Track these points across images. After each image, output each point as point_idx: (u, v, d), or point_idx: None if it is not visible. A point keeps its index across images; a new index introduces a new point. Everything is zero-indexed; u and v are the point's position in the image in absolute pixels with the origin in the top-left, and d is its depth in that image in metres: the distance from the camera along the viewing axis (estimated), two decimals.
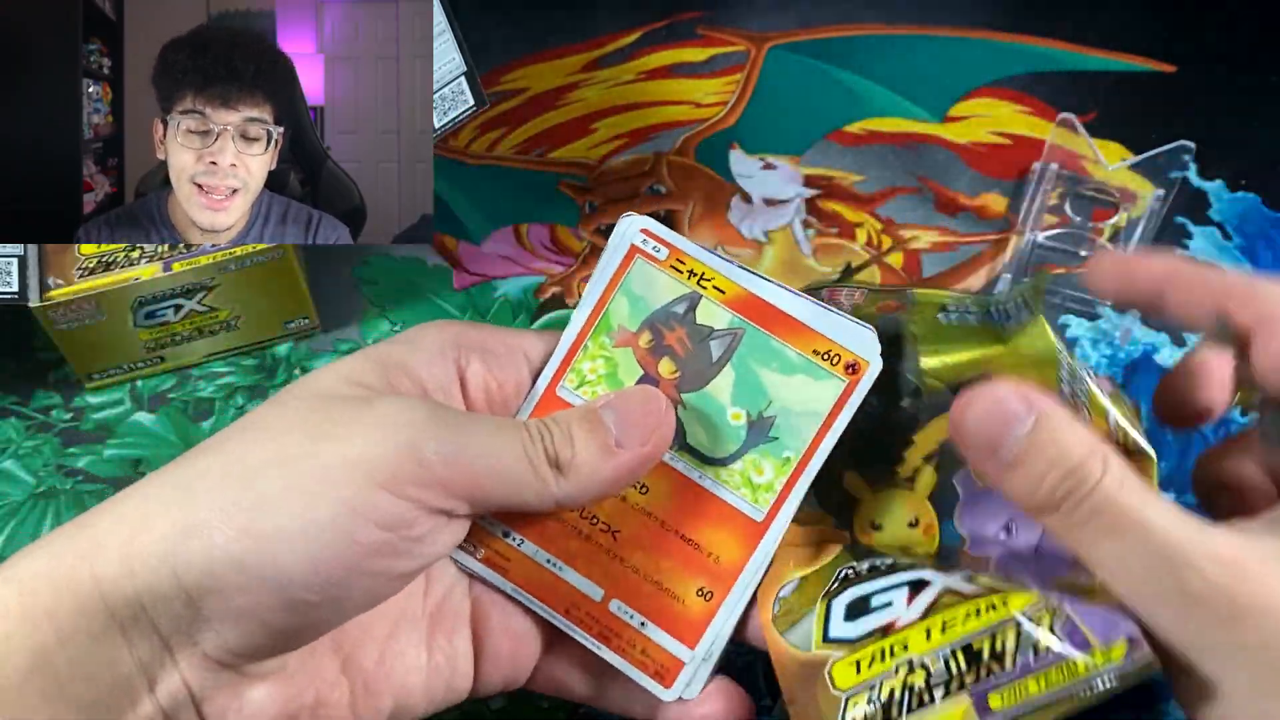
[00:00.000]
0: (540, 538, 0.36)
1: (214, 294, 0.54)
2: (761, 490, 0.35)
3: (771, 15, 0.71)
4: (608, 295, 0.37)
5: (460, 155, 0.66)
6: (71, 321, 0.52)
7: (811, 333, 0.36)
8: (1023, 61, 0.69)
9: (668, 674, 0.35)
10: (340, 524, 0.31)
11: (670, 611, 0.36)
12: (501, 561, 0.37)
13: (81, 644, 0.29)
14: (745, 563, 0.35)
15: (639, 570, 0.36)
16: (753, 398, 0.36)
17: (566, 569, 0.36)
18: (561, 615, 0.36)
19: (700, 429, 0.36)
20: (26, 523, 0.53)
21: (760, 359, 0.36)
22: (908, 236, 0.62)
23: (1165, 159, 0.61)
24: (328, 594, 0.31)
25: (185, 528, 0.30)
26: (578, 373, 0.37)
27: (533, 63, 0.69)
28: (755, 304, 0.36)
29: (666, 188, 0.64)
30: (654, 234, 0.37)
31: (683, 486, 0.36)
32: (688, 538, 0.36)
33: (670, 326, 0.37)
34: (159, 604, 0.30)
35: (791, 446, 0.35)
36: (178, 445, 0.55)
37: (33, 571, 0.30)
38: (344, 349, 0.58)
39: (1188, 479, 0.54)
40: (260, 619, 0.31)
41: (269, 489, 0.31)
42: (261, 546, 0.30)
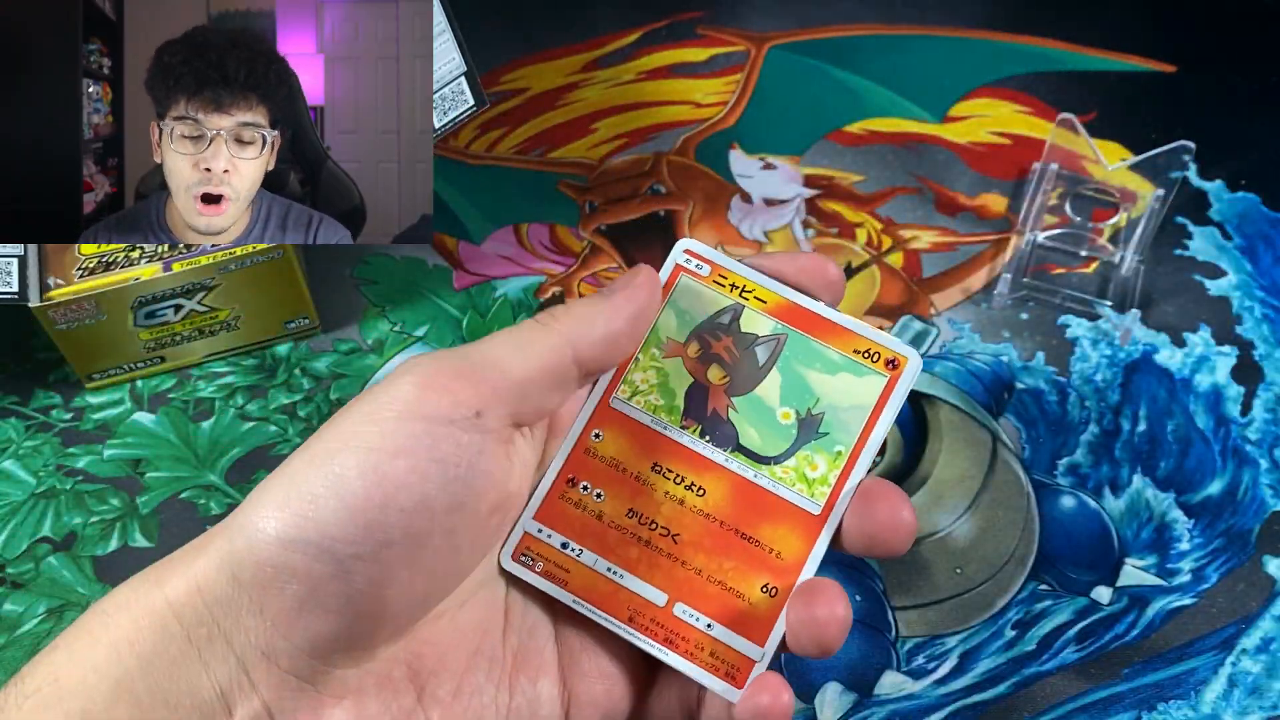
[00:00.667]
0: (600, 546, 0.37)
1: (214, 294, 0.54)
2: (816, 484, 0.36)
3: (771, 15, 0.71)
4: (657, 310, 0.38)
5: (460, 155, 0.66)
6: (71, 321, 0.52)
7: (851, 334, 0.37)
8: (1023, 61, 0.69)
9: (739, 674, 0.36)
10: (362, 465, 0.31)
11: (736, 610, 0.36)
12: (561, 573, 0.37)
13: (162, 670, 0.30)
14: (807, 556, 0.36)
15: (702, 572, 0.36)
16: (800, 397, 0.37)
17: (628, 576, 0.36)
18: (624, 623, 0.36)
19: (752, 430, 0.37)
20: (26, 523, 0.53)
21: (804, 360, 0.37)
22: (908, 236, 0.62)
23: (1165, 159, 0.61)
24: (370, 540, 0.31)
25: (235, 530, 0.32)
26: (630, 384, 0.38)
27: (533, 63, 0.69)
28: (795, 311, 0.38)
29: (666, 188, 0.64)
30: (696, 253, 0.39)
31: (739, 487, 0.37)
32: (748, 536, 0.36)
33: (716, 336, 0.38)
34: (227, 616, 0.31)
35: (842, 440, 0.37)
36: (177, 445, 0.55)
37: (116, 603, 0.32)
38: (344, 349, 0.58)
39: (1188, 479, 0.54)
40: (319, 602, 0.31)
41: (301, 470, 0.32)
42: (300, 516, 0.31)
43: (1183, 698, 0.49)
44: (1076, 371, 0.58)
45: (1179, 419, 0.56)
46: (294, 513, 0.31)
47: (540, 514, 0.37)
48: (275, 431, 0.56)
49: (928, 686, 0.49)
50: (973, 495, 0.54)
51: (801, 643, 0.34)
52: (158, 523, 0.53)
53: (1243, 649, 0.50)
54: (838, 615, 0.34)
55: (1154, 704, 0.49)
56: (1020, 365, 0.58)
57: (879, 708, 0.49)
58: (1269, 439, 0.55)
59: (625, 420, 0.37)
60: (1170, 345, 0.58)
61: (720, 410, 0.37)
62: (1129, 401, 0.57)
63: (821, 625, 0.34)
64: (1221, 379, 0.57)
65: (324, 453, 0.32)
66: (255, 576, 0.31)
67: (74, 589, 0.51)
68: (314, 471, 0.32)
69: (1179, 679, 0.49)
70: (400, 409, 0.32)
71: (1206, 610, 0.51)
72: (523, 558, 0.37)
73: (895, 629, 0.51)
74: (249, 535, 0.31)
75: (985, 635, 0.51)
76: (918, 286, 0.61)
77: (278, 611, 0.31)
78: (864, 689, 0.49)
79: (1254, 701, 0.48)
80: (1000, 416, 0.56)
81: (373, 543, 0.31)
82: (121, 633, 0.30)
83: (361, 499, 0.31)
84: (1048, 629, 0.51)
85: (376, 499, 0.31)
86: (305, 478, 0.32)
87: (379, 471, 0.31)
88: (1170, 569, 0.52)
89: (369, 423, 0.32)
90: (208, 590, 0.31)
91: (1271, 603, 0.51)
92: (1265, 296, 0.60)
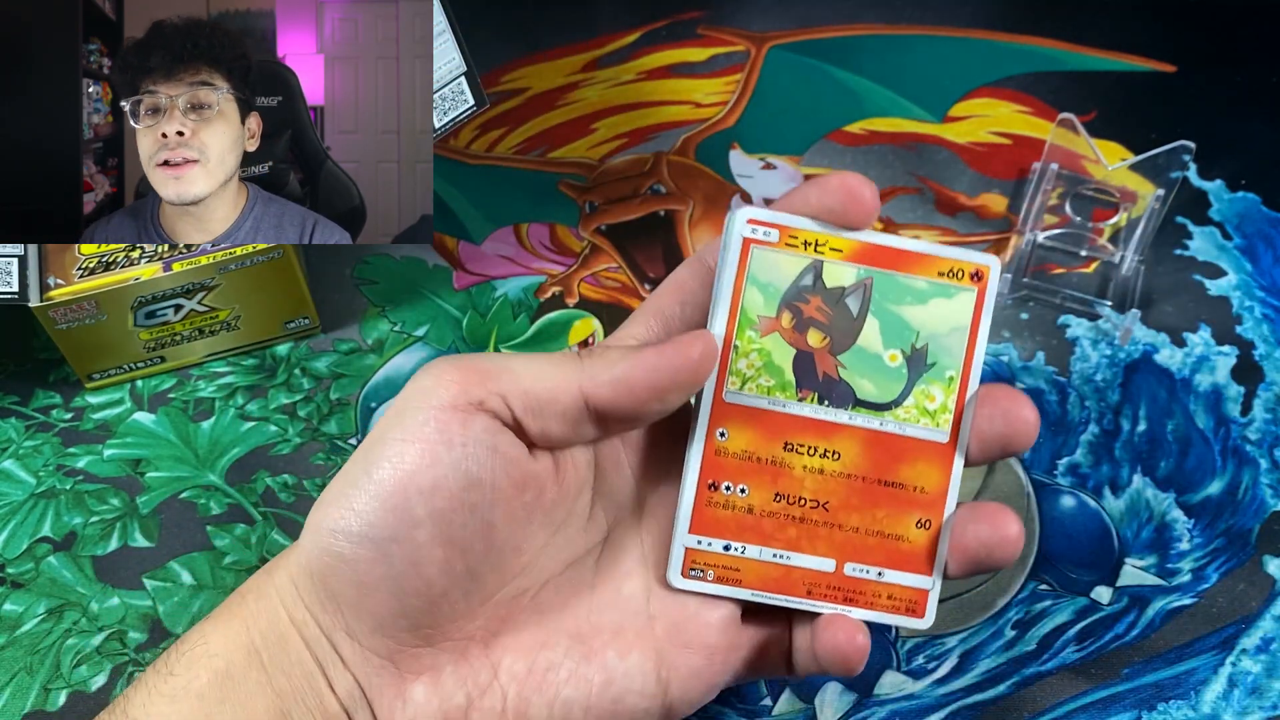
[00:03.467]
0: (759, 537, 0.38)
1: (214, 294, 0.54)
2: (939, 414, 0.38)
3: (771, 15, 0.71)
4: (738, 292, 0.38)
5: (460, 155, 0.66)
6: (71, 321, 0.52)
7: (930, 258, 0.38)
8: (1023, 61, 0.69)
9: (919, 606, 0.38)
10: (386, 456, 0.34)
11: (900, 552, 0.38)
12: (732, 574, 0.38)
13: (276, 645, 0.35)
14: (948, 483, 0.38)
15: (859, 529, 0.38)
16: (901, 335, 0.38)
17: (794, 555, 0.38)
18: (805, 598, 0.38)
19: (865, 381, 0.38)
20: (26, 523, 0.53)
21: (895, 298, 0.38)
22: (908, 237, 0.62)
23: (1165, 159, 0.61)
24: (400, 524, 0.34)
25: (308, 530, 0.36)
26: (737, 374, 0.38)
27: (533, 63, 0.69)
28: (872, 251, 0.38)
29: (666, 188, 0.64)
30: (760, 220, 0.38)
31: (869, 440, 0.38)
32: (890, 482, 0.38)
33: (804, 299, 0.38)
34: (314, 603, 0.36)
35: (950, 365, 0.38)
36: (177, 445, 0.55)
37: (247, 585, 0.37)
38: (344, 349, 0.58)
39: (1188, 479, 0.54)
40: (370, 585, 0.34)
41: (348, 470, 0.35)
42: (345, 509, 0.34)
43: (1183, 698, 0.49)
44: (1076, 371, 0.58)
45: (1179, 419, 0.56)
46: (341, 507, 0.35)
47: (695, 526, 0.37)
48: (275, 431, 0.56)
49: (928, 686, 0.49)
50: (973, 495, 0.54)
51: (969, 567, 0.37)
52: (158, 523, 0.53)
53: (1243, 649, 0.50)
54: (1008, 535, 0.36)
55: (1154, 704, 0.49)
56: (1020, 365, 0.58)
57: (879, 708, 0.49)
58: (1269, 439, 0.55)
59: (744, 410, 0.38)
60: (1170, 345, 0.58)
61: (830, 372, 0.38)
62: (1129, 401, 0.57)
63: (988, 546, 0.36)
64: (1221, 379, 0.57)
65: (362, 452, 0.35)
66: (320, 567, 0.35)
67: (74, 589, 0.51)
68: (355, 468, 0.35)
69: (1179, 679, 0.49)
70: (416, 401, 0.35)
71: (1206, 610, 0.51)
72: (692, 572, 0.38)
73: (895, 629, 0.51)
74: (314, 534, 0.35)
75: (985, 635, 0.51)
76: None
77: (341, 596, 0.35)
78: (864, 689, 0.49)
79: (1254, 701, 0.48)
80: None
81: (402, 525, 0.34)
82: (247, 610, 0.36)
83: (389, 487, 0.34)
84: (1048, 629, 0.51)
85: (399, 485, 0.34)
86: (349, 476, 0.35)
87: (399, 458, 0.34)
88: (1170, 569, 0.52)
89: (395, 415, 0.35)
90: (299, 582, 0.36)
91: (1271, 603, 0.51)
92: (1265, 296, 0.60)
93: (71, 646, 0.50)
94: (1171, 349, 0.58)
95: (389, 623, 0.35)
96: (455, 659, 0.36)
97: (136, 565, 0.52)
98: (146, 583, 0.51)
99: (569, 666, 0.37)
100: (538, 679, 0.37)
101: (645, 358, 0.35)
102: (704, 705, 0.38)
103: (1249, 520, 0.53)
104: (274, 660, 0.35)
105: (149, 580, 0.51)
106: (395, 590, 0.35)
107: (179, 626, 0.50)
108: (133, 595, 0.51)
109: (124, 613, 0.51)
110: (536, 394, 0.35)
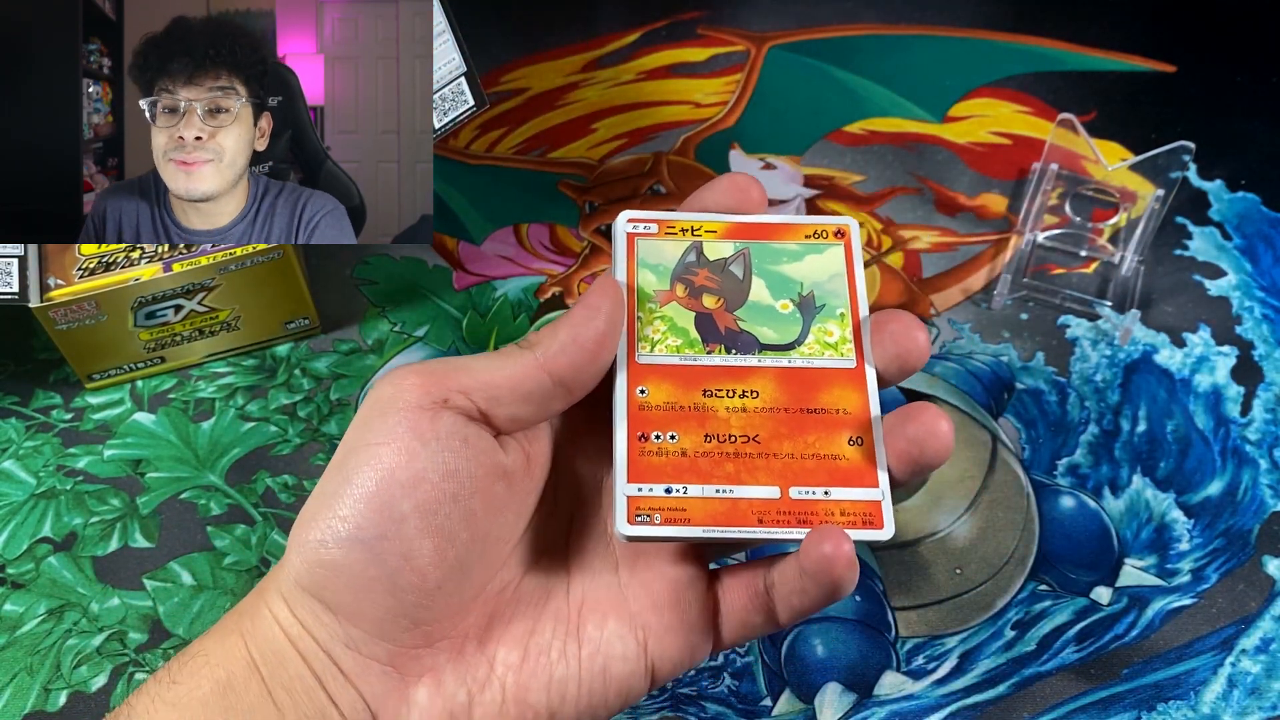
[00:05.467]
0: (698, 476, 0.39)
1: (214, 294, 0.54)
2: (841, 345, 0.41)
3: (771, 15, 0.71)
4: (632, 274, 0.42)
5: (460, 155, 0.66)
6: (71, 321, 0.52)
7: (795, 226, 0.43)
8: (1023, 61, 0.69)
9: (874, 517, 0.39)
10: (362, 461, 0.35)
11: (841, 470, 0.40)
12: (679, 514, 0.39)
13: (275, 662, 0.36)
14: (867, 400, 0.41)
15: (795, 454, 0.40)
16: (787, 288, 0.42)
17: (737, 488, 0.39)
18: (757, 527, 0.39)
19: (765, 329, 0.41)
20: (27, 523, 0.53)
21: (773, 260, 0.42)
22: (908, 236, 0.62)
23: (1165, 159, 0.61)
24: (386, 520, 0.35)
25: (292, 550, 0.36)
26: (646, 339, 0.41)
27: (533, 63, 0.69)
28: (743, 228, 0.43)
29: (666, 188, 0.64)
30: (638, 218, 0.43)
31: (782, 376, 0.41)
32: (813, 409, 0.41)
33: (693, 272, 0.42)
34: (308, 618, 0.36)
35: (840, 304, 0.42)
36: (177, 445, 0.55)
37: (235, 612, 0.38)
38: (344, 349, 0.58)
39: (1188, 479, 0.54)
40: (366, 587, 0.35)
41: (322, 485, 0.36)
42: (330, 519, 0.35)
43: (1182, 698, 0.49)
44: (1076, 371, 0.58)
45: (1179, 419, 0.56)
46: (324, 520, 0.35)
47: (632, 475, 0.39)
48: (275, 431, 0.56)
49: (928, 687, 0.49)
50: (973, 495, 0.54)
51: (907, 467, 0.39)
52: (158, 523, 0.53)
53: (1242, 649, 0.50)
54: (937, 430, 0.38)
55: (1154, 704, 0.49)
56: (1020, 365, 0.58)
57: (879, 708, 0.49)
58: (1269, 439, 0.55)
59: (658, 369, 0.40)
60: (1170, 345, 0.58)
61: (731, 326, 0.41)
62: (1129, 402, 0.57)
63: (919, 442, 0.38)
64: (1221, 379, 0.57)
65: (335, 464, 0.36)
66: (312, 581, 0.36)
67: (74, 589, 0.51)
68: (330, 481, 0.36)
69: (1178, 679, 0.49)
70: (383, 407, 0.36)
71: (1206, 610, 0.51)
72: (638, 518, 0.39)
73: (895, 629, 0.51)
74: (300, 550, 0.36)
75: (985, 635, 0.51)
76: (918, 286, 0.61)
77: (338, 605, 0.36)
78: (864, 689, 0.49)
79: (1254, 702, 0.48)
80: (1000, 417, 0.56)
81: (389, 522, 0.35)
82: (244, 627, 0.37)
83: (370, 488, 0.35)
84: (1047, 629, 0.51)
85: (380, 484, 0.35)
86: (325, 488, 0.36)
87: (376, 461, 0.36)
88: (1170, 569, 0.52)
89: (361, 426, 0.36)
90: (292, 599, 0.36)
91: (1271, 603, 0.51)
92: (1265, 296, 0.60)
93: (72, 647, 0.50)
94: (1171, 349, 0.58)
95: (389, 623, 0.36)
96: (453, 658, 0.37)
97: (136, 566, 0.52)
98: (147, 583, 0.51)
99: (557, 647, 0.38)
100: (531, 664, 0.38)
101: (576, 314, 0.38)
102: (696, 670, 0.39)
103: (1249, 520, 0.53)
104: (273, 675, 0.36)
105: (149, 581, 0.51)
106: (391, 588, 0.35)
107: (179, 627, 0.50)
108: (133, 596, 0.51)
109: (124, 613, 0.51)
110: (498, 384, 0.37)
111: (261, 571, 0.52)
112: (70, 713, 0.48)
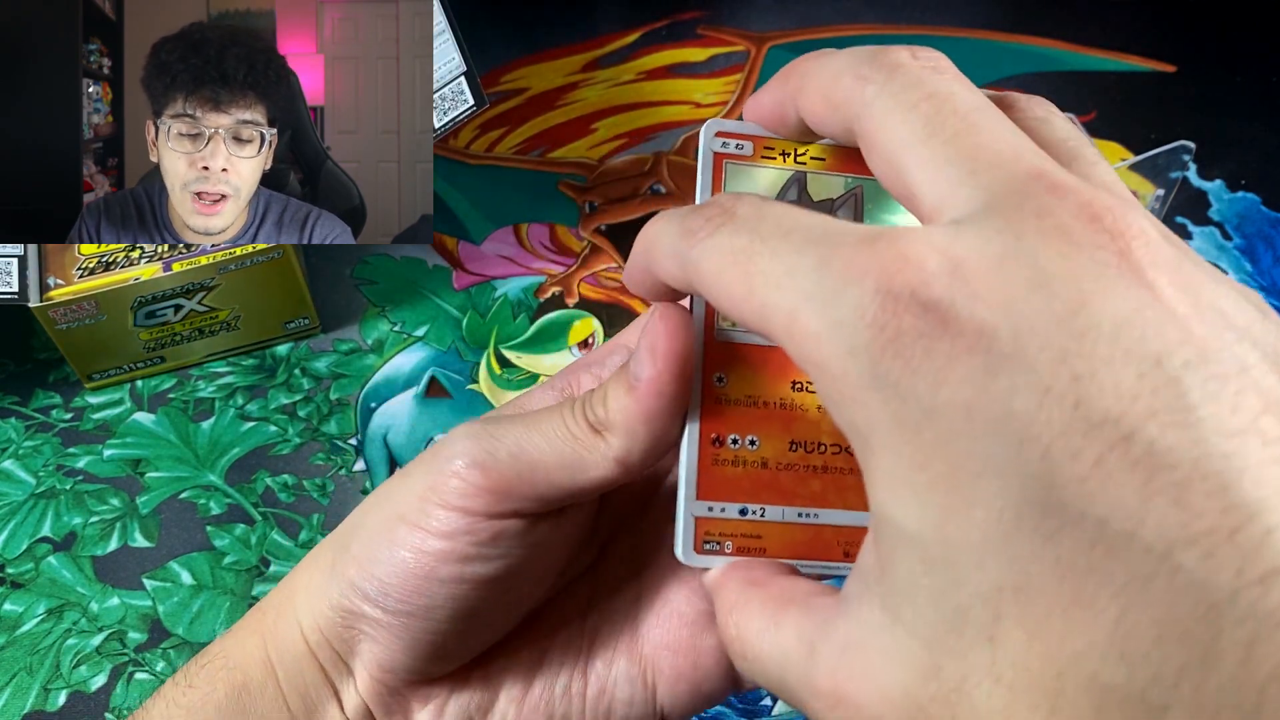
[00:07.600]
0: (779, 495, 0.32)
1: (214, 294, 0.54)
2: None
3: (771, 15, 0.71)
4: None
5: (460, 155, 0.66)
6: (71, 321, 0.52)
7: None
8: (1022, 61, 0.69)
9: None
10: (411, 539, 0.34)
11: None
12: (753, 543, 0.32)
13: (290, 664, 0.36)
14: None
15: None
16: None
17: (823, 512, 0.32)
18: (843, 561, 0.32)
19: None
20: (26, 523, 0.53)
21: (887, 205, 0.33)
22: None
23: (1165, 159, 0.61)
24: (416, 603, 0.34)
25: (327, 570, 0.36)
26: None
27: (533, 63, 0.69)
28: (853, 157, 0.32)
29: (666, 188, 0.64)
30: (730, 133, 0.34)
31: None
32: None
33: None
34: (332, 636, 0.36)
35: None
36: (177, 445, 0.55)
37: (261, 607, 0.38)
38: (344, 349, 0.58)
39: None
40: (379, 639, 0.35)
41: (373, 529, 0.35)
42: (364, 568, 0.35)
43: None
44: None
45: None
46: (363, 567, 0.35)
47: (703, 491, 0.32)
48: (275, 431, 0.56)
49: None
50: None
51: None
52: (158, 523, 0.53)
53: None
54: None
55: None
56: None
57: None
58: None
59: (740, 349, 0.32)
60: None
61: None
62: None
63: None
64: None
65: (386, 520, 0.35)
66: (337, 607, 0.35)
67: (74, 589, 0.51)
68: (378, 531, 0.35)
69: None
70: (447, 498, 0.34)
71: None
72: (707, 545, 0.32)
73: None
74: (337, 578, 0.35)
75: None
76: None
77: (353, 642, 0.36)
78: None
79: None
80: None
81: (419, 605, 0.34)
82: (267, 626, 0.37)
83: (410, 568, 0.34)
84: None
85: (422, 571, 0.34)
86: (371, 531, 0.35)
87: (424, 547, 0.34)
88: None
89: (424, 500, 0.34)
90: (319, 613, 0.36)
91: None
92: (1266, 296, 0.60)
93: (71, 646, 0.50)
94: None
95: (401, 667, 0.35)
96: (455, 685, 0.37)
97: (136, 565, 0.52)
98: (146, 583, 0.51)
99: (563, 683, 0.37)
100: (534, 700, 0.37)
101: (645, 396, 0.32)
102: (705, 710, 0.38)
103: None
104: (289, 679, 0.36)
105: (149, 580, 0.51)
106: (406, 649, 0.35)
107: (179, 627, 0.50)
108: (133, 595, 0.51)
109: (124, 613, 0.51)
110: (572, 493, 0.33)
111: (261, 571, 0.52)
112: (70, 712, 0.48)
